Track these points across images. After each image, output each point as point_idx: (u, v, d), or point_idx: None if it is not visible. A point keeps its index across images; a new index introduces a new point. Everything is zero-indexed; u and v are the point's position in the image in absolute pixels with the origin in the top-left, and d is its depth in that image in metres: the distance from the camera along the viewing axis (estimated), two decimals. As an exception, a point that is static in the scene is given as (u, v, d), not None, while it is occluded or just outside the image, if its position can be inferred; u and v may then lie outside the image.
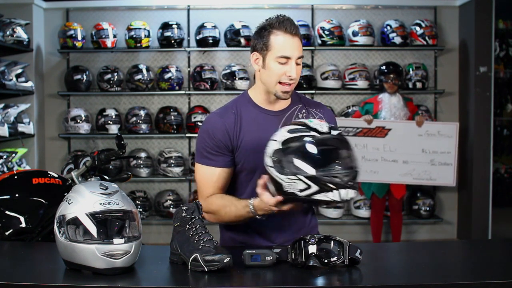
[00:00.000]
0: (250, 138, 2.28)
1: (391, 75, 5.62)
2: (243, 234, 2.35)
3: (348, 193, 1.95)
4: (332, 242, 1.97)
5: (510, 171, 7.94)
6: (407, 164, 5.57)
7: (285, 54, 2.22)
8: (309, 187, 1.95)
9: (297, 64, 2.25)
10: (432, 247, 2.41)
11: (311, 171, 1.95)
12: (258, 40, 2.26)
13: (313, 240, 1.95)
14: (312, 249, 1.95)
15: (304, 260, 1.95)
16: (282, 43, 2.22)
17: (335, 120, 2.45)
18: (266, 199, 2.09)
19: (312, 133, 2.00)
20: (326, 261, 1.95)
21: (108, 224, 1.90)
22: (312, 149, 1.98)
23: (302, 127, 2.03)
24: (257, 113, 2.32)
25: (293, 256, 1.99)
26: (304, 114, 2.35)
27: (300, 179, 1.95)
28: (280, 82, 2.24)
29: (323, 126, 2.02)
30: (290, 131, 2.03)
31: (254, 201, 2.17)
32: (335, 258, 1.95)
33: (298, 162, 1.97)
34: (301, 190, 1.96)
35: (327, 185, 1.94)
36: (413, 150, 5.59)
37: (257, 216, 2.18)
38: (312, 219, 2.45)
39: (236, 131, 2.28)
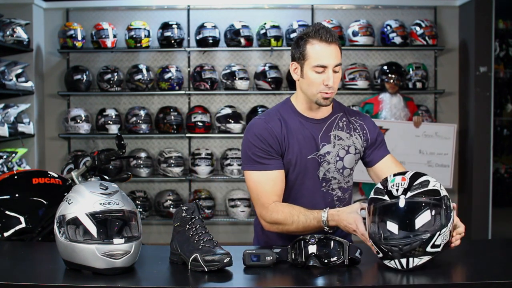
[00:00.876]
0: (295, 146, 2.31)
1: (393, 75, 5.62)
2: (277, 238, 2.36)
3: (410, 262, 1.90)
4: (332, 242, 1.97)
5: (510, 171, 7.93)
6: (404, 164, 5.50)
7: (321, 63, 2.23)
8: (377, 252, 1.97)
9: (335, 72, 2.25)
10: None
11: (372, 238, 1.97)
12: (296, 49, 2.29)
13: (313, 240, 1.96)
14: (312, 249, 1.95)
15: (304, 260, 1.95)
16: (318, 52, 2.23)
17: (376, 127, 2.47)
18: (360, 227, 2.08)
19: (385, 197, 1.97)
20: (326, 261, 1.95)
21: (108, 224, 1.90)
22: (378, 216, 1.97)
23: (382, 187, 2.01)
24: (300, 121, 2.34)
25: (293, 256, 1.99)
26: (345, 123, 2.38)
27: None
28: (319, 91, 2.26)
29: (399, 188, 1.97)
30: (375, 190, 2.03)
31: (329, 211, 2.17)
32: (335, 258, 1.95)
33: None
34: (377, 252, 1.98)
35: (387, 254, 1.93)
36: (410, 150, 5.59)
37: (326, 228, 2.17)
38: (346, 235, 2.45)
39: (282, 137, 2.31)
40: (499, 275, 1.90)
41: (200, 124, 5.96)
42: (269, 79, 5.93)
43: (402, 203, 1.94)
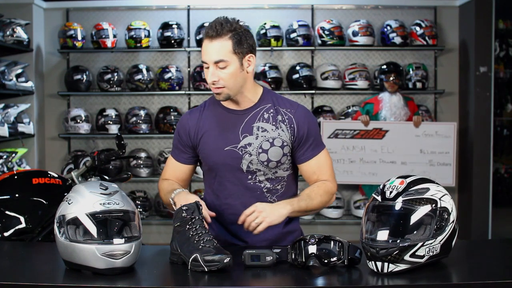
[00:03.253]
0: (212, 136, 2.32)
1: (392, 75, 5.63)
2: (216, 229, 2.37)
3: (385, 267, 1.87)
4: (332, 242, 1.97)
5: (510, 171, 7.93)
6: (406, 165, 5.58)
7: (203, 59, 2.27)
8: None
9: (220, 68, 2.22)
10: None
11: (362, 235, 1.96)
12: None
13: (313, 240, 1.95)
14: (312, 249, 1.95)
15: (304, 260, 1.95)
16: (203, 48, 2.25)
17: (312, 118, 2.39)
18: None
19: (379, 197, 1.96)
20: (326, 261, 1.95)
21: (108, 224, 1.90)
22: (369, 214, 1.96)
23: (381, 187, 2.00)
24: (222, 112, 2.35)
25: (293, 256, 1.99)
26: (271, 114, 2.32)
27: None
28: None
29: (393, 191, 1.94)
30: (376, 190, 2.03)
31: (176, 195, 2.26)
32: (335, 258, 1.95)
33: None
34: None
35: (367, 254, 1.92)
36: (411, 151, 5.59)
37: (174, 206, 2.25)
38: (292, 223, 2.42)
39: (196, 129, 2.35)
40: (499, 275, 1.90)
41: (200, 124, 5.95)
42: (269, 79, 5.93)
43: (389, 206, 1.91)
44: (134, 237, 1.92)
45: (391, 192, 1.93)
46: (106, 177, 3.30)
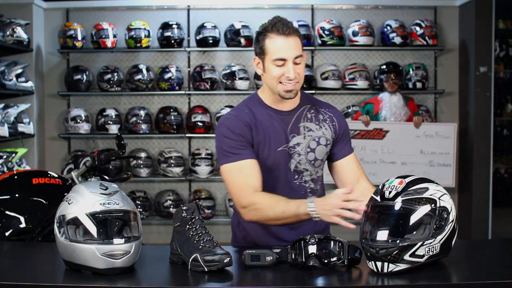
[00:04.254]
0: (265, 138, 2.31)
1: (392, 74, 5.63)
2: (255, 232, 2.37)
3: (385, 266, 1.87)
4: (332, 242, 1.97)
5: (510, 171, 7.93)
6: (406, 165, 5.58)
7: (280, 56, 2.23)
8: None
9: (296, 63, 2.25)
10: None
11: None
12: (256, 45, 2.30)
13: (313, 240, 1.95)
14: (312, 249, 1.95)
15: (304, 260, 1.95)
16: (276, 46, 2.23)
17: (345, 121, 2.47)
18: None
19: (378, 197, 1.96)
20: (326, 261, 1.95)
21: (108, 224, 1.90)
22: (367, 214, 1.96)
23: (380, 187, 2.00)
24: (268, 113, 2.33)
25: (293, 256, 1.99)
26: (313, 114, 2.38)
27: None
28: (281, 83, 2.26)
29: (392, 191, 1.94)
30: (375, 190, 2.03)
31: (316, 200, 2.13)
32: (335, 258, 1.95)
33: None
34: None
35: (367, 254, 1.92)
36: (412, 151, 5.59)
37: (315, 217, 2.14)
38: (324, 228, 2.47)
39: (253, 128, 2.30)
40: (499, 275, 1.90)
41: (200, 124, 5.96)
42: (269, 79, 5.93)
43: (388, 206, 1.91)
44: (134, 237, 1.92)
45: (390, 192, 1.93)
46: (106, 177, 3.29)
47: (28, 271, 1.99)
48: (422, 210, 1.89)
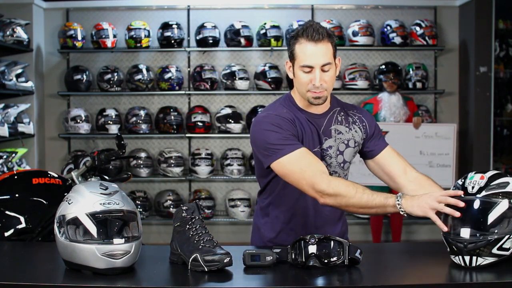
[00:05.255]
0: (303, 138, 2.28)
1: (390, 74, 5.63)
2: (272, 232, 2.37)
3: (473, 260, 1.90)
4: (332, 242, 1.97)
5: (510, 171, 7.93)
6: None
7: (307, 63, 2.19)
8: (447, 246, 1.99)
9: (324, 71, 2.20)
10: (432, 247, 2.41)
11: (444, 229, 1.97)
12: (288, 49, 2.27)
13: (313, 240, 1.95)
14: (312, 249, 1.95)
15: (304, 260, 1.95)
16: (305, 52, 2.19)
17: (374, 119, 2.47)
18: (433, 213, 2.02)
19: (461, 192, 1.98)
20: (326, 261, 1.94)
21: (108, 224, 1.90)
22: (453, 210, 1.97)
23: (460, 183, 2.01)
24: (302, 116, 2.32)
25: (293, 256, 1.99)
26: (343, 116, 2.37)
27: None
28: (309, 90, 2.23)
29: (475, 186, 1.97)
30: (455, 186, 2.04)
31: (406, 196, 2.09)
32: (335, 258, 1.95)
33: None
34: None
35: (453, 249, 1.95)
36: (411, 152, 5.58)
37: (402, 211, 2.07)
38: (342, 225, 2.47)
39: (296, 126, 2.27)
40: (499, 275, 1.90)
41: (200, 124, 5.96)
42: (269, 79, 5.93)
43: (474, 201, 1.95)
44: (134, 237, 1.92)
45: (473, 187, 1.97)
46: (106, 177, 3.29)
47: (28, 271, 1.99)
48: (505, 204, 1.93)
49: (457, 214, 1.95)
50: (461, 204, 1.95)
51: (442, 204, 1.99)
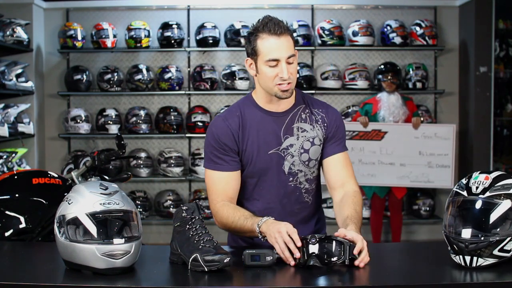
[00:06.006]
0: (255, 140, 2.29)
1: (389, 74, 5.63)
2: (249, 238, 2.34)
3: (474, 261, 1.91)
4: (333, 242, 1.97)
5: (510, 171, 7.93)
6: (404, 166, 5.58)
7: (272, 57, 2.19)
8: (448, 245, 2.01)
9: (289, 63, 2.21)
10: (432, 247, 2.41)
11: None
12: (248, 45, 2.26)
13: (313, 240, 1.95)
14: (313, 248, 1.95)
15: (305, 259, 1.95)
16: (268, 46, 2.19)
17: (341, 120, 2.42)
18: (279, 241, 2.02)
19: (464, 192, 1.99)
20: (326, 261, 1.94)
21: (108, 224, 1.90)
22: (453, 209, 2.00)
23: (464, 182, 2.03)
24: (261, 115, 2.31)
25: (293, 256, 1.99)
26: (308, 114, 2.35)
27: None
28: (276, 84, 2.22)
29: (479, 186, 1.97)
30: (458, 184, 2.05)
31: (263, 224, 2.11)
32: (335, 258, 1.95)
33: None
34: None
35: (454, 248, 1.95)
36: (410, 152, 5.58)
37: (261, 238, 2.13)
38: (316, 224, 2.47)
39: (240, 134, 2.28)
40: (499, 275, 1.90)
41: (200, 124, 5.96)
42: (269, 79, 5.92)
43: (477, 201, 1.95)
44: (134, 237, 1.92)
45: (477, 188, 1.97)
46: (106, 177, 3.30)
47: (28, 271, 1.99)
48: (508, 205, 1.93)
49: (292, 262, 1.97)
50: (292, 262, 1.97)
51: (287, 237, 2.00)
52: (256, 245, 2.29)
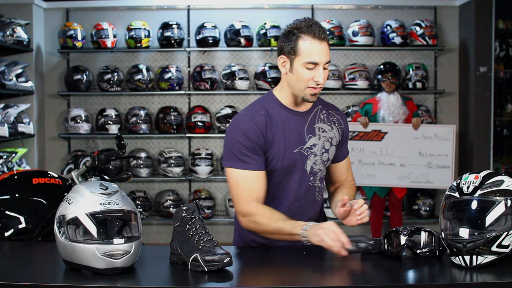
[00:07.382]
0: (280, 139, 2.29)
1: (389, 74, 5.63)
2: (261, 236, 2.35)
3: (474, 260, 1.92)
4: (424, 234, 2.04)
5: (510, 171, 7.93)
6: (404, 167, 5.58)
7: (313, 60, 2.20)
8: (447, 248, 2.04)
9: (324, 68, 2.23)
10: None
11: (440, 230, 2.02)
12: (286, 43, 2.24)
13: (405, 232, 2.02)
14: (404, 240, 2.02)
15: (396, 250, 2.03)
16: (310, 49, 2.19)
17: (347, 124, 2.48)
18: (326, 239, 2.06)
19: (456, 194, 2.00)
20: (418, 251, 2.03)
21: (108, 224, 1.90)
22: (448, 212, 2.01)
23: (455, 184, 2.04)
24: (286, 114, 2.31)
25: (386, 247, 2.06)
26: (325, 115, 2.39)
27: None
28: (309, 86, 2.23)
29: (470, 186, 1.99)
30: (450, 187, 2.06)
31: (309, 227, 2.12)
32: (426, 249, 2.03)
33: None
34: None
35: (452, 250, 1.96)
36: (410, 153, 5.58)
37: (305, 241, 2.14)
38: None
39: (269, 132, 2.27)
40: (499, 275, 1.90)
41: (200, 124, 5.96)
42: (269, 79, 5.93)
43: (470, 200, 1.96)
44: (134, 237, 1.92)
45: (468, 187, 1.98)
46: (106, 177, 3.30)
47: (28, 271, 1.99)
48: (502, 202, 1.94)
49: (345, 253, 2.01)
50: (344, 253, 2.01)
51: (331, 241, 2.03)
52: (262, 243, 2.33)
